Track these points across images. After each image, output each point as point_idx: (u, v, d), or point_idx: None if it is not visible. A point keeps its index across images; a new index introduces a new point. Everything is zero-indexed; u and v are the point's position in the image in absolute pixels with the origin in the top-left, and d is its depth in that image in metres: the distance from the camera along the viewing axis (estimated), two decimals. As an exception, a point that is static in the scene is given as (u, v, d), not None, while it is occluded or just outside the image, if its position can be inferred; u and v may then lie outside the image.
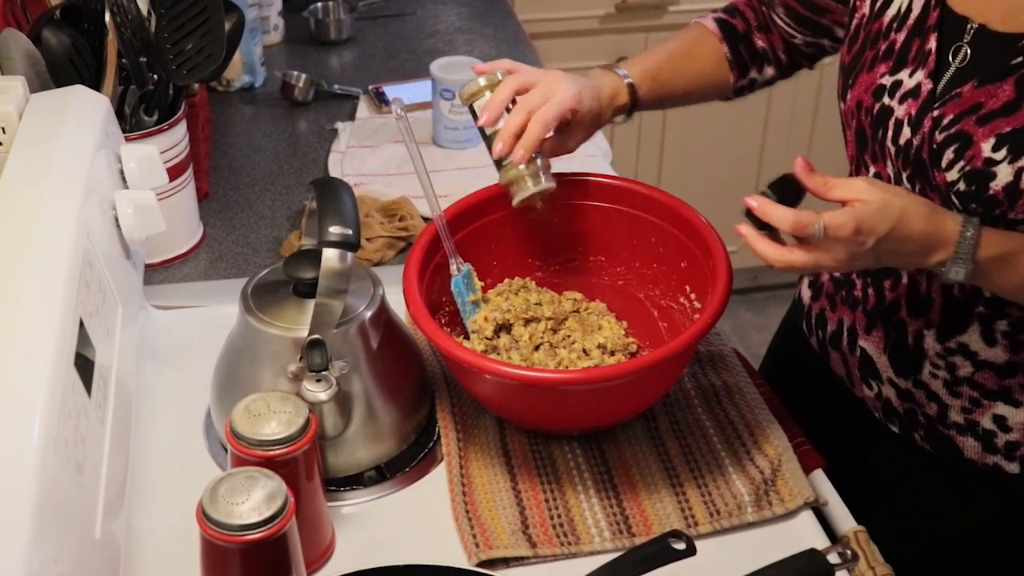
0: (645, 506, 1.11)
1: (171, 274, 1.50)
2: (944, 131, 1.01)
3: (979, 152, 0.99)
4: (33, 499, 0.77)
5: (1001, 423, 1.13)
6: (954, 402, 1.15)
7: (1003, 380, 1.11)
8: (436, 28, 2.25)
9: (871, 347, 1.20)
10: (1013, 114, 0.97)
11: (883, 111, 1.08)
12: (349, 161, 1.75)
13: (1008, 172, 0.97)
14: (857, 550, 1.06)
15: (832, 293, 1.26)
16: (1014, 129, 0.97)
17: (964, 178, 1.00)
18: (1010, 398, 1.12)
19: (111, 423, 1.02)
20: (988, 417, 1.13)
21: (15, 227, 0.98)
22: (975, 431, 1.15)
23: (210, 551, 0.92)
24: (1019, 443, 1.14)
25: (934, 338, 1.13)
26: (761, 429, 1.20)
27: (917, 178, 1.06)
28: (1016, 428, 1.13)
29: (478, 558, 1.05)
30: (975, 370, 1.12)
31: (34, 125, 1.13)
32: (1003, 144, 0.97)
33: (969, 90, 1.00)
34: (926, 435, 1.19)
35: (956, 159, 1.00)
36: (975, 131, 0.99)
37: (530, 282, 1.30)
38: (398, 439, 1.17)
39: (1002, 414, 1.13)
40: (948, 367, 1.13)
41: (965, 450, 1.16)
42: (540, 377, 1.10)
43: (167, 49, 1.39)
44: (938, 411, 1.16)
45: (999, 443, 1.14)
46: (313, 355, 1.04)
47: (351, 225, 1.05)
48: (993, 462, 1.15)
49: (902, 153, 1.06)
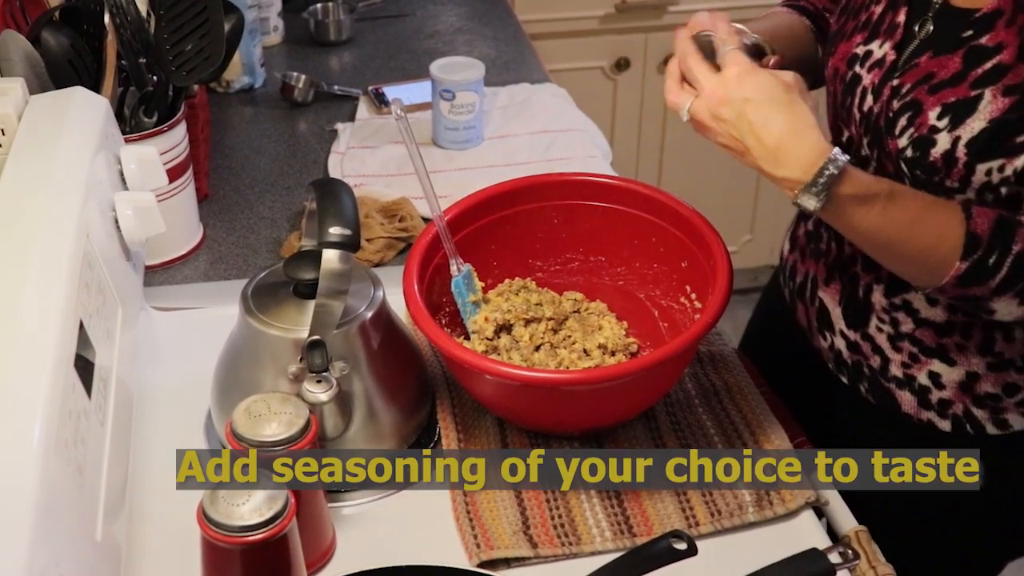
0: (646, 506, 1.11)
1: (171, 275, 1.50)
2: (901, 99, 1.06)
3: (926, 120, 1.03)
4: (34, 501, 0.77)
5: (936, 380, 1.18)
6: (895, 356, 1.20)
7: (940, 339, 1.16)
8: (436, 29, 2.25)
9: (828, 298, 1.25)
10: (958, 85, 1.02)
11: (853, 79, 1.13)
12: (349, 162, 1.75)
13: (947, 140, 1.02)
14: (858, 549, 1.06)
15: (804, 245, 1.30)
16: (957, 99, 1.02)
17: (912, 144, 1.05)
18: (945, 356, 1.16)
19: (111, 425, 1.02)
20: (924, 373, 1.18)
21: (15, 229, 0.98)
22: (912, 386, 1.20)
23: (211, 552, 0.92)
24: (951, 401, 1.18)
25: (882, 293, 1.18)
26: (762, 429, 1.20)
27: (875, 145, 1.11)
28: (949, 386, 1.17)
29: (479, 558, 1.05)
30: (916, 327, 1.17)
31: (33, 127, 1.13)
32: (947, 113, 1.02)
33: (925, 61, 1.06)
34: (870, 387, 1.24)
35: (907, 126, 1.05)
36: (925, 100, 1.04)
37: (530, 282, 1.30)
38: (398, 440, 1.17)
39: (937, 371, 1.17)
40: (892, 322, 1.18)
41: (903, 404, 1.21)
42: (541, 377, 1.10)
43: (166, 50, 1.39)
44: (881, 364, 1.21)
45: (933, 399, 1.19)
46: (313, 356, 1.04)
47: (351, 226, 1.05)
48: (927, 418, 1.20)
49: (864, 120, 1.12)
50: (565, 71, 2.54)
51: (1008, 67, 0.99)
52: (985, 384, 1.16)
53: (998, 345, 1.14)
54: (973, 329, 1.14)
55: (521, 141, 1.81)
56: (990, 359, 1.15)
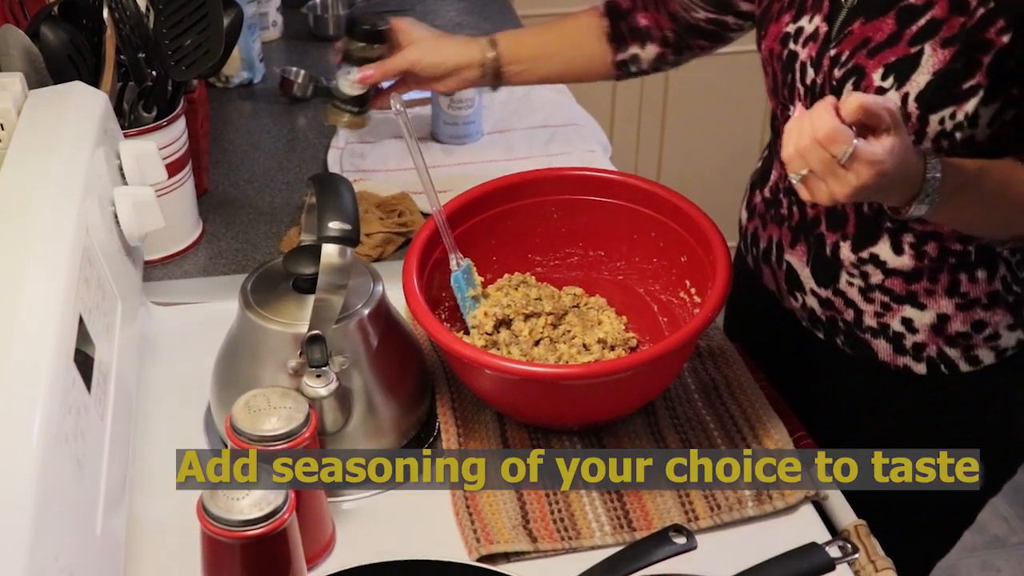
0: (645, 500, 1.11)
1: (171, 270, 1.50)
2: (842, 67, 1.11)
3: (871, 82, 1.08)
4: (34, 496, 0.77)
5: (908, 325, 1.22)
6: (868, 307, 1.23)
7: (909, 285, 1.20)
8: (435, 23, 2.23)
9: (795, 260, 1.28)
10: (895, 45, 1.07)
11: (790, 56, 1.18)
12: (348, 157, 1.75)
13: (896, 98, 1.06)
14: (858, 544, 1.06)
15: (763, 212, 1.33)
16: (897, 58, 1.07)
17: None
18: (916, 302, 1.21)
19: (111, 419, 1.02)
20: (897, 320, 1.22)
21: (14, 224, 0.98)
22: (887, 334, 1.24)
23: (211, 546, 0.92)
24: (925, 344, 1.23)
25: (849, 249, 1.21)
26: (761, 423, 1.20)
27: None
28: (922, 330, 1.22)
29: (479, 553, 1.05)
30: (885, 277, 1.21)
31: (33, 122, 1.13)
32: (890, 73, 1.07)
33: (858, 27, 1.10)
34: (846, 340, 1.28)
35: (854, 91, 1.07)
36: (867, 63, 1.09)
37: (530, 277, 1.30)
38: (398, 434, 1.17)
39: (909, 316, 1.22)
40: (862, 275, 1.22)
41: (879, 352, 1.25)
42: (540, 372, 1.10)
43: (166, 45, 1.39)
44: (854, 316, 1.25)
45: (907, 344, 1.23)
46: (313, 351, 1.04)
47: (351, 221, 1.05)
48: (903, 363, 1.25)
49: (810, 92, 1.16)
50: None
51: (942, 20, 1.04)
52: (955, 323, 1.21)
53: (963, 286, 1.19)
54: (939, 274, 1.19)
55: (520, 136, 1.81)
56: (957, 300, 1.20)
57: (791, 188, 1.24)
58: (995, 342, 1.22)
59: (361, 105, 1.43)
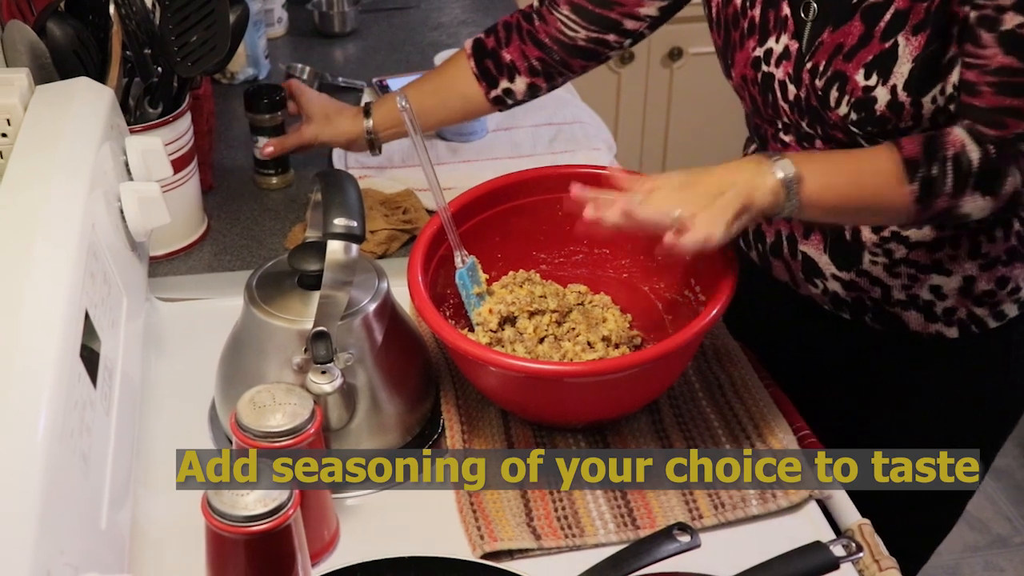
0: (649, 499, 1.11)
1: (176, 266, 1.50)
2: (822, 77, 1.14)
3: (856, 84, 1.12)
4: (39, 490, 0.78)
5: (937, 292, 1.26)
6: (894, 282, 1.27)
7: (934, 254, 1.24)
8: (440, 21, 2.25)
9: (812, 250, 1.30)
10: (868, 44, 1.11)
11: (766, 78, 1.21)
12: (353, 154, 1.75)
13: (885, 93, 1.11)
14: (862, 543, 1.06)
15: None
16: (874, 56, 1.10)
17: (852, 109, 1.13)
18: (942, 268, 1.25)
19: (116, 414, 1.02)
20: (926, 289, 1.26)
21: (20, 219, 0.98)
22: (916, 304, 1.27)
23: (215, 542, 0.92)
24: (955, 308, 1.27)
25: (871, 230, 1.25)
26: (766, 422, 1.20)
27: (816, 123, 1.19)
28: (950, 295, 1.26)
29: (482, 550, 1.05)
30: (909, 251, 1.24)
31: (39, 117, 1.13)
32: (872, 71, 1.11)
33: (828, 36, 1.14)
34: (875, 316, 1.31)
35: (841, 96, 1.13)
36: (846, 67, 1.12)
37: (535, 274, 1.30)
38: (403, 431, 1.17)
39: (937, 284, 1.25)
40: (885, 253, 1.25)
41: (910, 323, 1.29)
42: (545, 369, 1.10)
43: (171, 41, 1.39)
44: (882, 293, 1.28)
45: (938, 311, 1.27)
46: (318, 347, 1.05)
47: (356, 217, 1.05)
48: (935, 330, 1.28)
49: (795, 107, 1.19)
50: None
51: (907, 10, 1.08)
52: (981, 283, 1.25)
53: (984, 247, 1.23)
54: (960, 239, 1.23)
55: (525, 133, 1.81)
56: (980, 261, 1.24)
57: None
58: (1018, 295, 1.27)
59: (280, 167, 1.67)
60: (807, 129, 1.21)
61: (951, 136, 1.08)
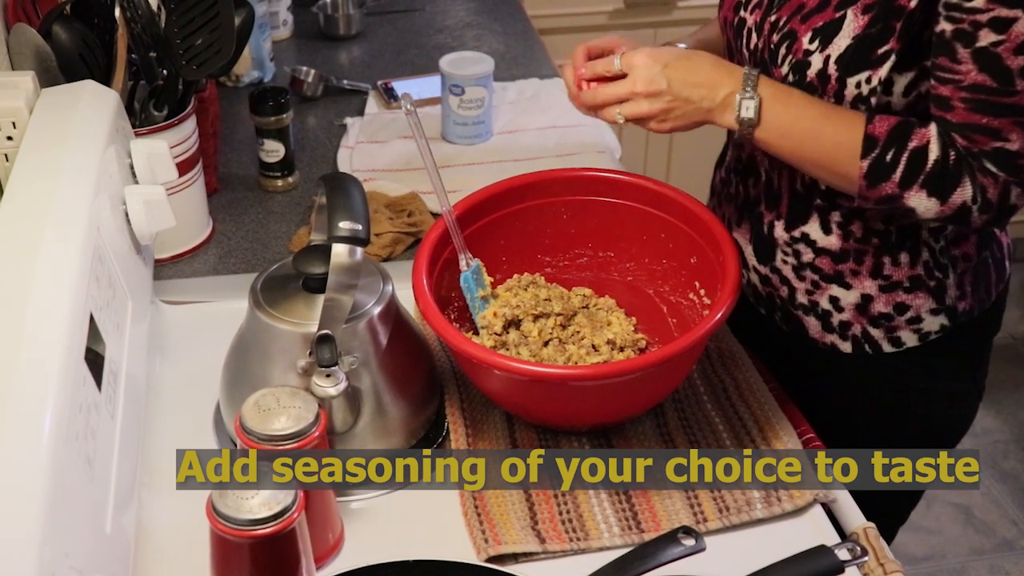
0: (654, 502, 1.11)
1: (181, 269, 1.50)
2: (779, 32, 1.17)
3: (801, 46, 1.14)
4: (44, 494, 0.78)
5: (835, 303, 1.28)
6: (800, 285, 1.29)
7: (836, 265, 1.26)
8: (445, 23, 2.25)
9: (740, 237, 1.34)
10: (824, 10, 1.13)
11: (739, 23, 1.24)
12: (358, 157, 1.76)
13: (819, 60, 1.13)
14: (867, 546, 1.06)
15: (720, 191, 1.40)
16: (824, 23, 1.13)
17: (792, 70, 1.16)
18: (842, 281, 1.26)
19: (121, 417, 1.02)
20: (825, 298, 1.28)
21: (25, 222, 0.98)
22: (816, 311, 1.30)
23: (220, 545, 0.92)
24: (850, 323, 1.28)
25: (783, 228, 1.27)
26: (771, 426, 1.20)
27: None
28: (847, 309, 1.27)
29: (487, 553, 1.05)
30: (815, 256, 1.26)
31: (44, 120, 1.13)
32: (816, 36, 1.13)
33: None
34: (782, 316, 1.34)
35: (787, 55, 1.16)
36: (799, 28, 1.15)
37: (539, 278, 1.30)
38: (407, 434, 1.17)
39: (836, 295, 1.27)
40: (794, 253, 1.28)
41: (809, 329, 1.31)
42: (549, 373, 1.10)
43: (177, 44, 1.39)
44: (788, 293, 1.31)
45: (834, 322, 1.29)
46: (322, 350, 1.05)
47: (361, 220, 1.05)
48: (831, 341, 1.30)
49: (752, 57, 1.22)
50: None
51: None
52: (878, 304, 1.26)
53: (886, 268, 1.24)
54: (864, 256, 1.24)
55: (530, 136, 1.81)
56: (880, 281, 1.25)
57: (738, 167, 1.33)
58: (917, 325, 1.26)
59: (285, 170, 1.66)
60: None
61: (922, 129, 1.10)
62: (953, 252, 1.24)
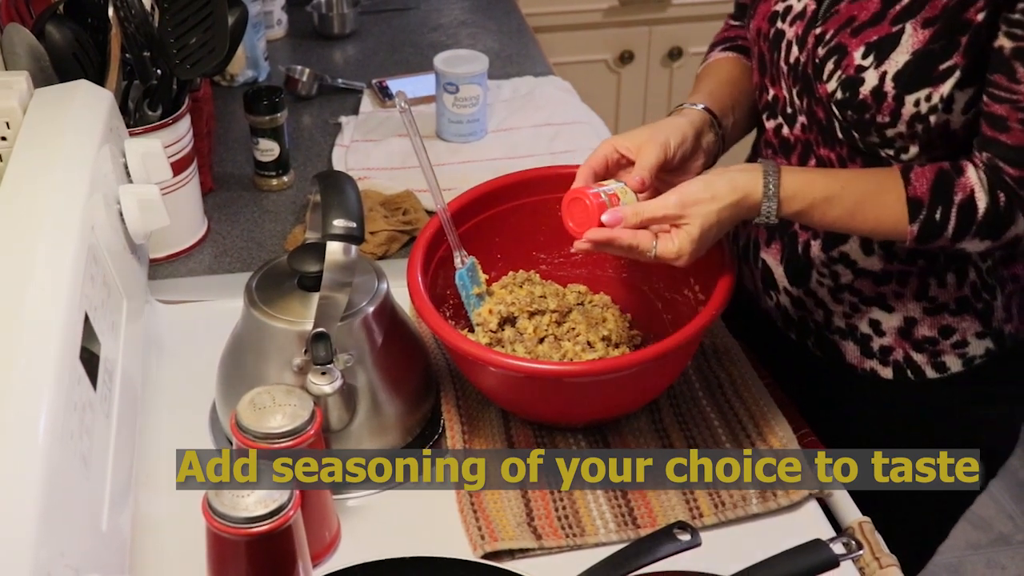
0: (650, 498, 1.11)
1: (176, 268, 1.50)
2: (825, 46, 1.10)
3: (852, 61, 1.08)
4: (39, 492, 0.78)
5: (876, 327, 1.23)
6: (837, 308, 1.24)
7: (878, 287, 1.20)
8: (440, 22, 2.25)
9: (770, 259, 1.28)
10: (879, 24, 1.07)
11: (777, 34, 1.17)
12: (353, 155, 1.76)
13: (874, 77, 1.06)
14: (862, 540, 1.06)
15: None
16: (879, 37, 1.06)
17: (840, 86, 1.09)
18: (884, 304, 1.21)
19: (117, 416, 1.02)
20: (865, 321, 1.23)
21: (20, 223, 0.98)
22: (855, 335, 1.24)
23: (216, 543, 0.92)
24: (892, 348, 1.23)
25: (819, 248, 1.21)
26: (766, 421, 1.20)
27: (805, 93, 1.15)
28: (889, 333, 1.22)
29: (483, 550, 1.05)
30: (854, 277, 1.21)
31: (38, 120, 1.13)
32: (870, 52, 1.07)
33: (844, 6, 1.10)
34: (816, 341, 1.29)
35: (835, 70, 1.09)
36: (849, 42, 1.08)
37: (534, 275, 1.30)
38: (403, 432, 1.17)
39: (877, 319, 1.22)
40: (832, 275, 1.22)
41: (847, 354, 1.26)
42: (545, 369, 1.10)
43: (171, 44, 1.39)
44: (824, 317, 1.26)
45: (874, 347, 1.24)
46: (318, 348, 1.05)
47: (355, 218, 1.05)
48: (870, 367, 1.25)
49: (792, 71, 1.16)
50: (569, 64, 2.54)
51: (925, 0, 1.04)
52: (922, 328, 1.21)
53: (932, 290, 1.19)
54: (909, 277, 1.19)
55: (525, 134, 1.81)
56: (925, 304, 1.20)
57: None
58: (963, 349, 1.21)
59: (280, 169, 1.66)
60: (796, 101, 1.17)
61: (962, 179, 1.06)
62: (1001, 272, 1.20)
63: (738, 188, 1.07)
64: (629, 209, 1.06)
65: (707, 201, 1.06)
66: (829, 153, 1.16)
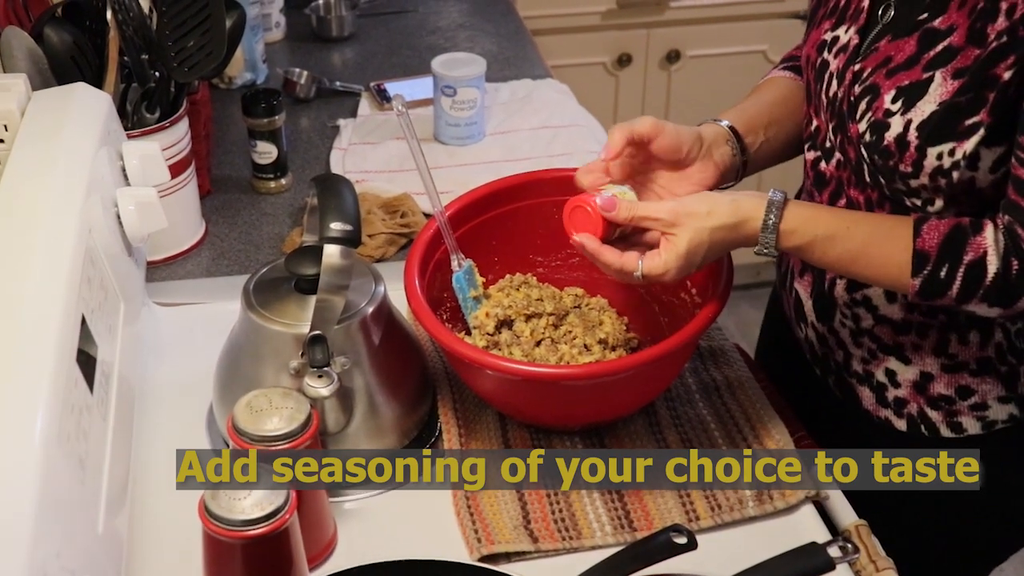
0: (646, 501, 1.11)
1: (173, 271, 1.50)
2: (861, 84, 1.07)
3: (882, 104, 1.04)
4: (35, 494, 0.78)
5: (892, 377, 1.19)
6: (856, 351, 1.21)
7: (897, 336, 1.17)
8: (438, 25, 2.25)
9: (802, 290, 1.26)
10: (912, 68, 1.02)
11: (822, 65, 1.14)
12: (351, 158, 1.76)
13: (900, 123, 1.02)
14: (858, 543, 1.06)
15: None
16: (911, 82, 1.02)
17: (870, 128, 1.05)
18: (901, 354, 1.17)
19: (113, 419, 1.02)
20: (882, 370, 1.20)
21: (17, 225, 0.98)
22: (871, 382, 1.21)
23: (212, 546, 0.92)
24: (906, 400, 1.19)
25: (844, 287, 1.18)
26: (762, 423, 1.20)
27: (839, 130, 1.12)
28: (904, 385, 1.19)
29: (480, 553, 1.05)
30: (875, 323, 1.17)
31: (36, 123, 1.14)
32: (900, 96, 1.02)
33: (885, 45, 1.06)
34: (836, 382, 1.26)
35: (867, 110, 1.05)
36: (883, 84, 1.04)
37: (531, 278, 1.30)
38: (400, 434, 1.17)
39: (893, 369, 1.18)
40: (853, 317, 1.19)
41: (863, 400, 1.23)
42: (542, 372, 1.10)
43: (169, 46, 1.39)
44: (844, 358, 1.23)
45: (889, 397, 1.20)
46: (315, 351, 1.05)
47: (352, 221, 1.05)
48: (885, 416, 1.21)
49: (830, 105, 1.12)
50: (567, 67, 2.54)
51: (958, 49, 0.99)
52: (938, 385, 1.16)
53: (952, 347, 1.14)
54: (929, 330, 1.14)
55: (522, 137, 1.82)
56: (944, 360, 1.15)
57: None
58: (982, 412, 1.17)
59: (278, 171, 1.67)
60: (831, 136, 1.14)
61: (977, 238, 1.00)
62: None
63: (740, 212, 1.04)
64: (625, 203, 1.06)
65: (701, 216, 1.03)
66: (859, 195, 1.13)
